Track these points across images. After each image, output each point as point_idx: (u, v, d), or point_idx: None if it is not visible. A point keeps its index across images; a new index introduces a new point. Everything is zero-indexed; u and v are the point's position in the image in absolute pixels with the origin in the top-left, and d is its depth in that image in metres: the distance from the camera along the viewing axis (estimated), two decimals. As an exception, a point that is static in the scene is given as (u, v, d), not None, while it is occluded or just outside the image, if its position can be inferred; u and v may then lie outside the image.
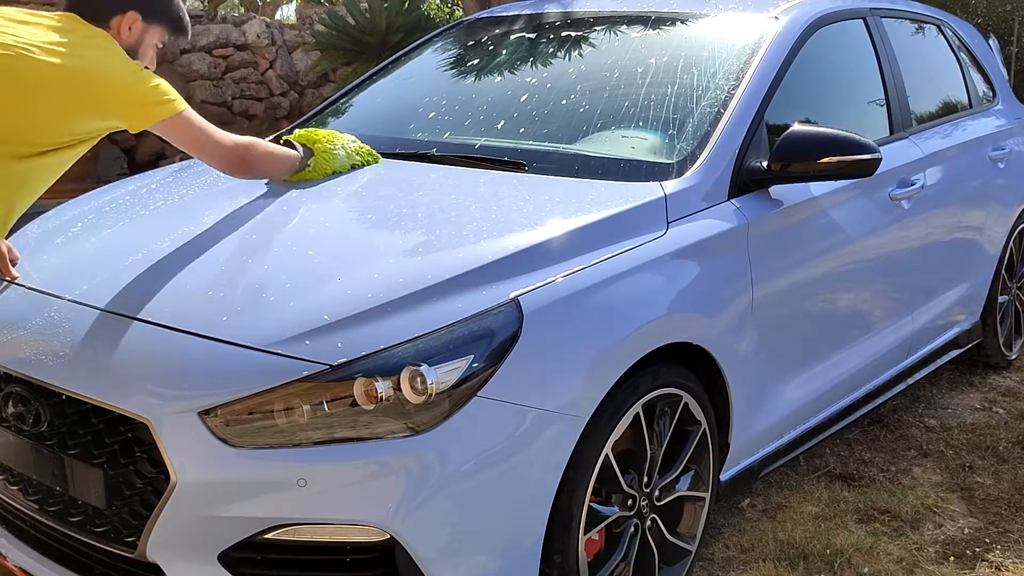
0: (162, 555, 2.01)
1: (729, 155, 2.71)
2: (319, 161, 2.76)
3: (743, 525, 3.01)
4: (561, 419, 2.10)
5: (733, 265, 2.60)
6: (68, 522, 2.16)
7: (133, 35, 2.44)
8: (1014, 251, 4.32)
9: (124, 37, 2.42)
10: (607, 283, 2.26)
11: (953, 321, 3.91)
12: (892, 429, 3.74)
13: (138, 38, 2.46)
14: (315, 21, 9.80)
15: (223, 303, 2.15)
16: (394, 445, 1.95)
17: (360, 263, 2.25)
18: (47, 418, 2.15)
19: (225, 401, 1.95)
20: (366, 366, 1.96)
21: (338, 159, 2.79)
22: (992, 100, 4.45)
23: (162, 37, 2.52)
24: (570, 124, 2.98)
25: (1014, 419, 3.88)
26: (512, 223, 2.36)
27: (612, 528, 2.36)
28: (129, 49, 2.41)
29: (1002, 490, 3.29)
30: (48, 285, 2.37)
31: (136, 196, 2.93)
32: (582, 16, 3.54)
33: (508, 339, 2.05)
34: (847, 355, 3.17)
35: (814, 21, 3.23)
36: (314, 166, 2.75)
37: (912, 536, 2.97)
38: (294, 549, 1.99)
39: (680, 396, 2.45)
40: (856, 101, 3.56)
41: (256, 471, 1.94)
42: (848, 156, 2.70)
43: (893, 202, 3.30)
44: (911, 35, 4.03)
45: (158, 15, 2.49)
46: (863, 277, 3.20)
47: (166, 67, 8.66)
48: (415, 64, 3.76)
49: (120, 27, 2.41)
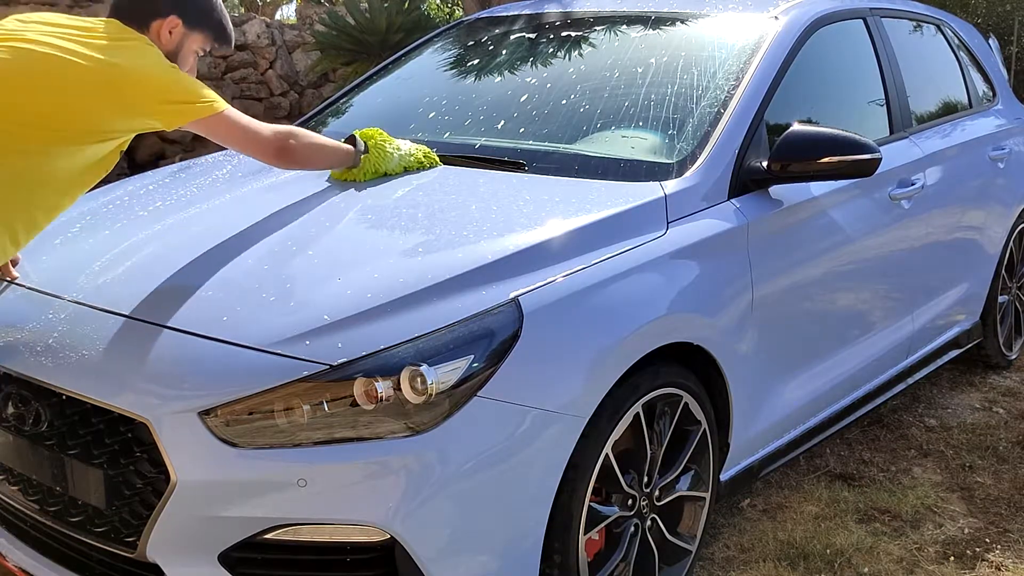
0: (162, 555, 2.01)
1: (729, 155, 2.71)
2: (372, 159, 2.73)
3: (743, 525, 3.01)
4: (561, 419, 2.10)
5: (733, 265, 2.61)
6: (68, 522, 2.16)
7: (174, 40, 2.42)
8: (1014, 251, 4.32)
9: (164, 42, 2.40)
10: (607, 283, 2.26)
11: (953, 321, 3.91)
12: (892, 429, 3.74)
13: (178, 43, 2.44)
14: (315, 21, 9.80)
15: (223, 303, 2.15)
16: (394, 445, 1.95)
17: (360, 263, 2.25)
18: (47, 418, 2.15)
19: (225, 401, 1.95)
20: (366, 366, 1.96)
21: (391, 160, 2.75)
22: (992, 100, 4.45)
23: (203, 44, 2.50)
24: (570, 124, 2.98)
25: (1014, 419, 3.88)
26: (512, 223, 2.36)
27: (612, 528, 2.36)
28: (169, 55, 2.39)
29: (1002, 490, 3.29)
30: (48, 285, 2.37)
31: (135, 197, 2.93)
32: (582, 16, 3.54)
33: (508, 339, 2.05)
34: (847, 355, 3.17)
35: (814, 21, 3.23)
36: (364, 164, 2.72)
37: (912, 536, 2.97)
38: (294, 549, 1.99)
39: (680, 396, 2.45)
40: (856, 101, 3.56)
41: (256, 471, 1.94)
42: (848, 156, 2.70)
43: (893, 202, 3.30)
44: (911, 35, 4.03)
45: (200, 21, 2.47)
46: (863, 277, 3.20)
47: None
48: (415, 64, 3.76)
49: (160, 31, 2.40)
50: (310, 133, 2.66)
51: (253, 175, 3.02)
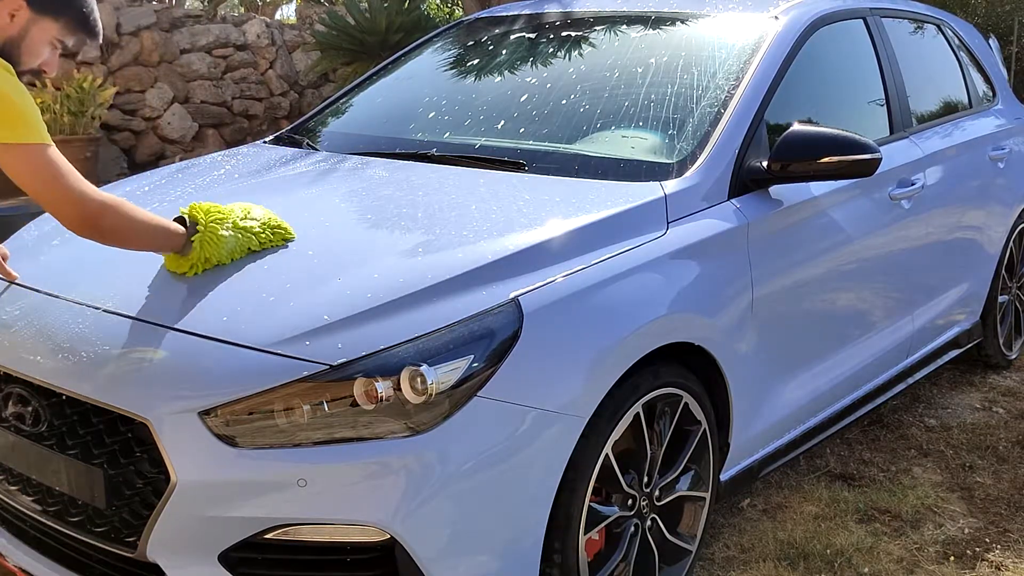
0: (162, 555, 2.01)
1: (729, 155, 2.71)
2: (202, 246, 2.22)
3: (743, 525, 3.01)
4: (561, 419, 2.10)
5: (733, 265, 2.60)
6: (68, 522, 2.16)
7: (16, 25, 2.03)
8: (1014, 251, 4.32)
9: (4, 26, 2.02)
10: (607, 283, 2.26)
11: (953, 321, 3.91)
12: (892, 429, 3.74)
13: (22, 29, 2.04)
14: (315, 21, 9.80)
15: (223, 303, 2.15)
16: (394, 445, 1.95)
17: (360, 263, 2.25)
18: (47, 418, 2.15)
19: (225, 401, 1.95)
20: (366, 366, 1.96)
21: (224, 245, 2.24)
22: (992, 100, 4.45)
23: (60, 35, 2.10)
24: (570, 124, 2.98)
25: (1014, 419, 3.87)
26: (512, 223, 2.36)
27: (612, 528, 2.36)
28: (11, 42, 2.03)
29: (1002, 490, 3.29)
30: (48, 285, 2.37)
31: (134, 197, 2.92)
32: (582, 16, 3.54)
33: (508, 339, 2.05)
34: (847, 355, 3.17)
35: (814, 21, 3.23)
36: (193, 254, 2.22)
37: (912, 536, 2.97)
38: (294, 549, 1.99)
39: (680, 396, 2.45)
40: (856, 101, 3.56)
41: (256, 471, 1.94)
42: (848, 156, 2.70)
43: (893, 202, 3.30)
44: (911, 35, 4.02)
45: (52, 6, 2.06)
46: (863, 277, 3.20)
47: (166, 67, 8.67)
48: (415, 64, 3.76)
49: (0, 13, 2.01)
50: (136, 209, 2.14)
51: (253, 175, 3.02)
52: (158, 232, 2.18)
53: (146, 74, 8.52)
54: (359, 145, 3.17)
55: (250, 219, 2.31)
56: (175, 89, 8.69)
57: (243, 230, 2.28)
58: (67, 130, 7.23)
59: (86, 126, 7.41)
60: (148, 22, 8.57)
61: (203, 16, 9.31)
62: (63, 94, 7.24)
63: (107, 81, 8.05)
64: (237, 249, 2.27)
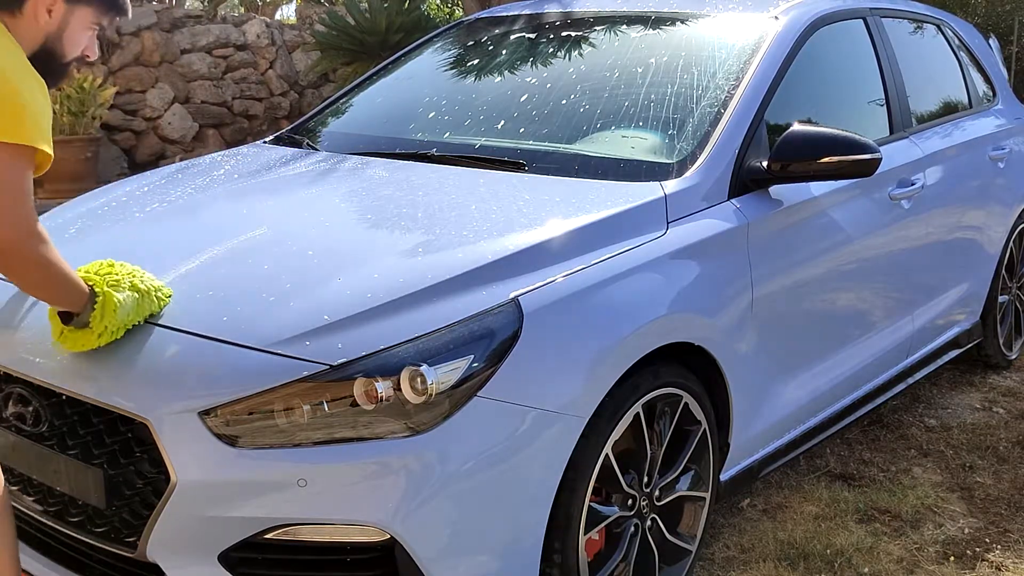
0: (162, 555, 2.01)
1: (729, 155, 2.71)
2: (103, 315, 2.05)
3: (743, 525, 3.01)
4: (561, 419, 2.10)
5: (733, 265, 2.61)
6: (68, 522, 2.16)
7: (55, 19, 2.05)
8: (1014, 251, 4.32)
9: (44, 24, 2.04)
10: (607, 283, 2.26)
11: (953, 321, 3.91)
12: (892, 429, 3.74)
13: (61, 22, 2.06)
14: (315, 21, 9.80)
15: (223, 303, 2.14)
16: (394, 445, 1.95)
17: (360, 263, 2.25)
18: (47, 418, 2.15)
19: (225, 401, 1.95)
20: (366, 366, 1.96)
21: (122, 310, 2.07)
22: (992, 100, 4.45)
23: (96, 19, 2.12)
24: (570, 124, 2.98)
25: (1014, 419, 3.87)
26: (512, 223, 2.36)
27: (612, 528, 2.36)
28: (53, 37, 2.06)
29: (1002, 490, 3.29)
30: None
31: (134, 197, 2.93)
32: (582, 16, 3.54)
33: (508, 339, 2.05)
34: (847, 355, 3.17)
35: (814, 21, 3.23)
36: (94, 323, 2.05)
37: (912, 536, 2.97)
38: (294, 549, 1.99)
39: (680, 396, 2.45)
40: (856, 101, 3.56)
41: (256, 471, 1.94)
42: (848, 156, 2.70)
43: (893, 202, 3.30)
44: (911, 35, 4.02)
45: None
46: (863, 277, 3.20)
47: (166, 67, 8.67)
48: (415, 64, 3.76)
49: (38, 12, 2.03)
50: (59, 259, 1.98)
51: (253, 175, 3.02)
52: (70, 283, 2.04)
53: (146, 74, 8.53)
54: (359, 145, 3.17)
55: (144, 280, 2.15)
56: (175, 89, 8.70)
57: (143, 292, 2.12)
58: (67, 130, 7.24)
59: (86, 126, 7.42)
60: (148, 22, 8.58)
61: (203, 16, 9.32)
62: (64, 94, 7.25)
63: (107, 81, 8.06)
64: (137, 314, 2.11)
